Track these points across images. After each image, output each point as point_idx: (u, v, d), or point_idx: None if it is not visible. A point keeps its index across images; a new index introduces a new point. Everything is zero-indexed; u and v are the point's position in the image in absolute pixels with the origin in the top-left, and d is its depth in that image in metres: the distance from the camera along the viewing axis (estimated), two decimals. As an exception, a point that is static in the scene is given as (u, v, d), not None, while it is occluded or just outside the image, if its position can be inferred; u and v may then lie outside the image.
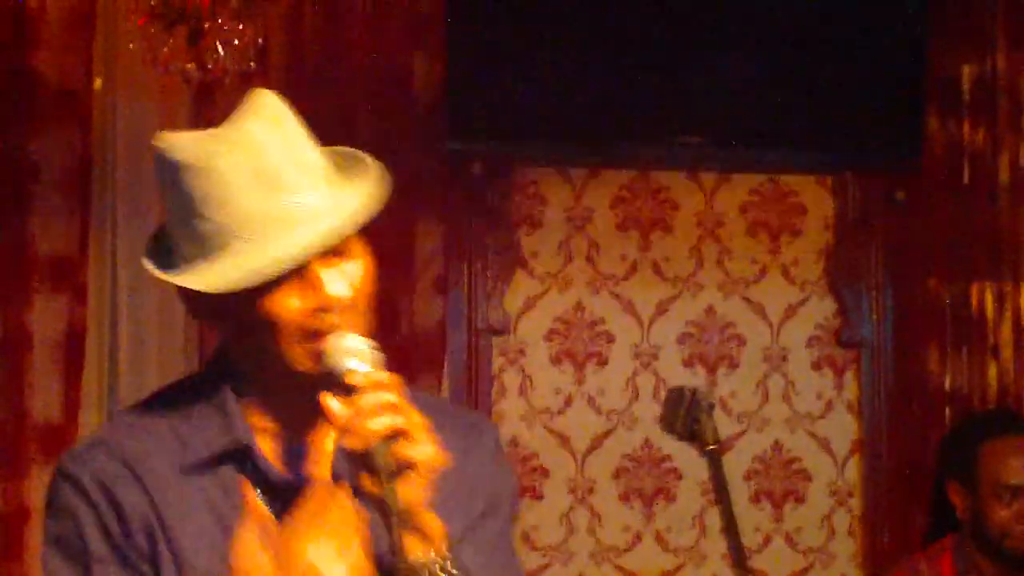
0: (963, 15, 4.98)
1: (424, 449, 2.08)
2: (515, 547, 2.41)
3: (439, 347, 4.72)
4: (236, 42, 4.23)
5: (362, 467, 2.06)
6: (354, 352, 2.12)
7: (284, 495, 2.16)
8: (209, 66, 4.23)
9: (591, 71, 4.59)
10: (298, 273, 2.14)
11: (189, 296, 2.20)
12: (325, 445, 2.15)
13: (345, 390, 2.10)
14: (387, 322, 4.54)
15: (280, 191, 2.15)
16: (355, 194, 2.21)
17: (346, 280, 2.17)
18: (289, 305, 2.14)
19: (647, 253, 4.94)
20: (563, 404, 4.86)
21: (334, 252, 2.16)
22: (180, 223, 2.17)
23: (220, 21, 4.21)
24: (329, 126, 4.36)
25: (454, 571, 2.11)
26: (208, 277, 2.14)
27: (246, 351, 2.23)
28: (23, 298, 4.58)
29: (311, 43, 4.74)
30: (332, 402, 2.09)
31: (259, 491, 2.19)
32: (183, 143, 2.18)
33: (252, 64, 4.27)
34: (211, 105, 4.61)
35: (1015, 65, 5.02)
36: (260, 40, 4.34)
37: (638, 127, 4.65)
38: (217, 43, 4.21)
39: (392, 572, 2.07)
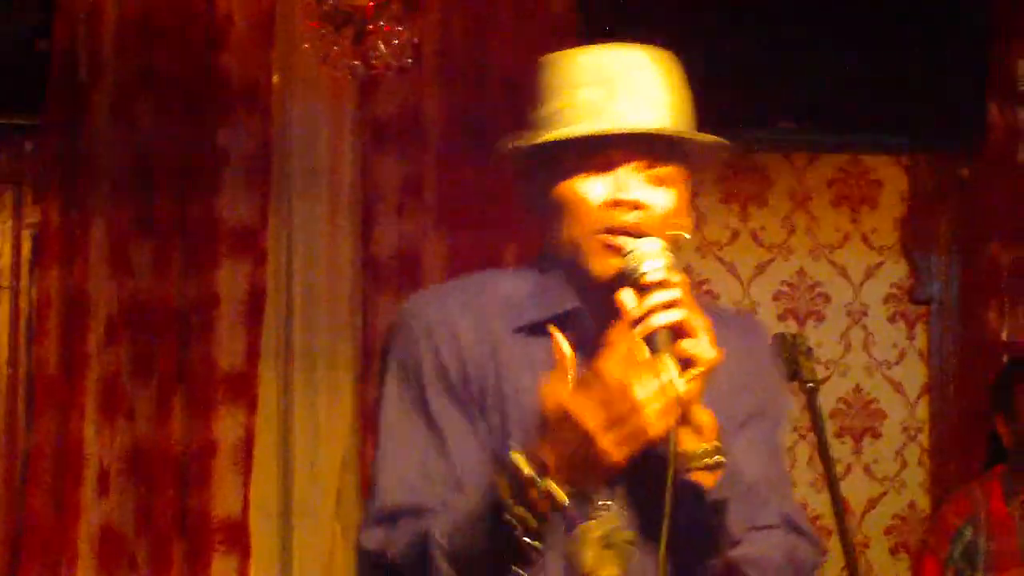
0: (1020, 16, 5.28)
1: (702, 346, 2.11)
2: (783, 450, 2.44)
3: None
4: (396, 42, 4.46)
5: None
6: (651, 255, 2.17)
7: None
8: (372, 63, 4.47)
9: (703, 69, 4.88)
10: (608, 168, 2.23)
11: (518, 183, 2.34)
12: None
13: (640, 288, 2.14)
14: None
15: (613, 95, 2.23)
16: (681, 124, 2.26)
17: (651, 191, 2.22)
18: (590, 190, 2.22)
19: (746, 223, 5.33)
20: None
21: (649, 167, 2.23)
22: (526, 122, 2.31)
23: (382, 24, 4.44)
24: (473, 116, 5.07)
25: (722, 461, 2.17)
26: (521, 142, 2.28)
27: (556, 246, 2.27)
28: (212, 262, 4.98)
29: (459, 43, 5.08)
30: (627, 296, 2.14)
31: (579, 354, 2.15)
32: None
33: (409, 60, 4.55)
34: (373, 96, 5.04)
35: (1067, 59, 5.26)
36: (416, 40, 4.61)
37: (741, 112, 4.79)
38: (379, 43, 4.44)
39: (665, 459, 2.10)
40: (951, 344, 5.40)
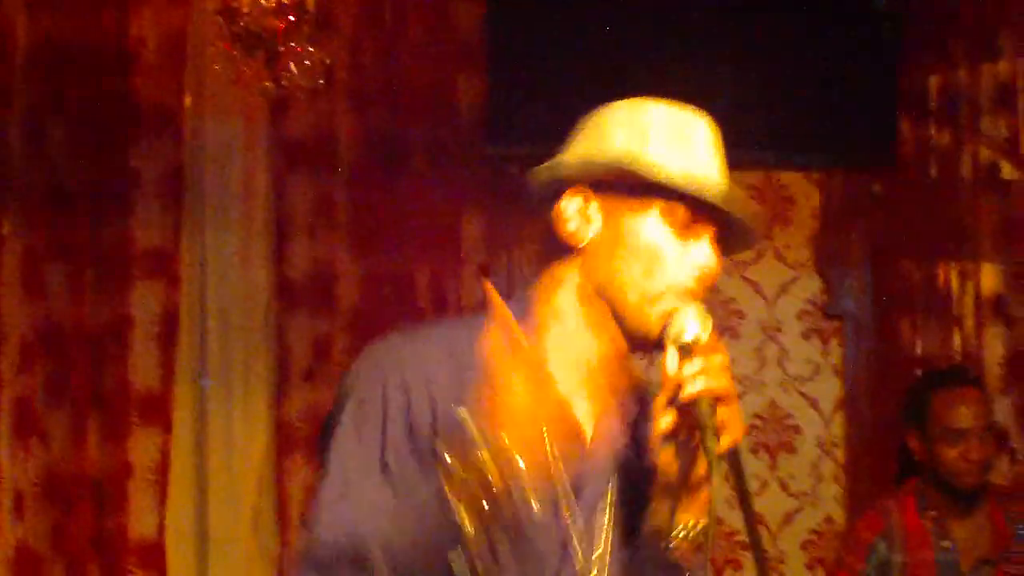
0: (929, 36, 5.31)
1: (735, 417, 2.09)
2: None
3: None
4: (307, 63, 4.44)
5: (683, 420, 2.07)
6: (696, 319, 2.10)
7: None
8: (284, 84, 4.45)
9: (612, 85, 4.92)
10: (692, 228, 2.17)
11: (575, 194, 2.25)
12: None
13: (683, 351, 2.08)
14: (437, 300, 4.99)
15: (691, 152, 2.21)
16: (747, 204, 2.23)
17: (716, 262, 2.19)
18: (675, 246, 2.16)
19: (660, 240, 5.32)
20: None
21: (718, 239, 2.19)
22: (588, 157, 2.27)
23: (293, 45, 4.43)
24: (385, 135, 5.10)
25: (706, 544, 2.14)
26: (656, 175, 2.15)
27: (620, 287, 2.18)
28: (125, 285, 4.99)
29: (371, 64, 5.12)
30: (672, 357, 2.08)
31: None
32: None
33: (321, 82, 4.54)
34: (285, 117, 5.07)
35: (973, 77, 5.34)
36: (328, 61, 4.59)
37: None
38: (291, 64, 4.42)
39: (649, 531, 2.13)
40: (865, 359, 5.42)
